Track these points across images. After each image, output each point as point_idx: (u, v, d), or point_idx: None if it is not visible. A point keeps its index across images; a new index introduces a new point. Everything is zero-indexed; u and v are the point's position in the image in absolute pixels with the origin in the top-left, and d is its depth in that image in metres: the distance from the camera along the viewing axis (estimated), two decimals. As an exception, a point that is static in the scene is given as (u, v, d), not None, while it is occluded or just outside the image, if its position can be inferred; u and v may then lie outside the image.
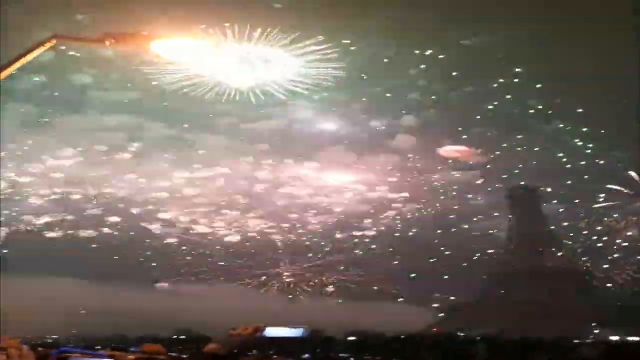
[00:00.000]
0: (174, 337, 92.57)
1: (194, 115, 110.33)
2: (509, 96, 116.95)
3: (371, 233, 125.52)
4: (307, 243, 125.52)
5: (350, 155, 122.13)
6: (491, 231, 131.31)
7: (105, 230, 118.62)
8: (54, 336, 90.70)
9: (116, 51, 75.96)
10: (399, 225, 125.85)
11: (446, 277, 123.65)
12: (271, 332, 5.24)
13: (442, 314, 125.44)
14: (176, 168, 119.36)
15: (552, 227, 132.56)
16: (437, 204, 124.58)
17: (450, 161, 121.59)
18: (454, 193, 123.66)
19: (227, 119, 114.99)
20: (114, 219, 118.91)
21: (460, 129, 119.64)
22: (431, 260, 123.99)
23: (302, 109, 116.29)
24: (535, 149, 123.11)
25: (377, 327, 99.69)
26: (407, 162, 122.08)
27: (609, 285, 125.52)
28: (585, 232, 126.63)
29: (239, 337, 5.55)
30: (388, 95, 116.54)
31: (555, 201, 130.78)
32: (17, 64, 11.31)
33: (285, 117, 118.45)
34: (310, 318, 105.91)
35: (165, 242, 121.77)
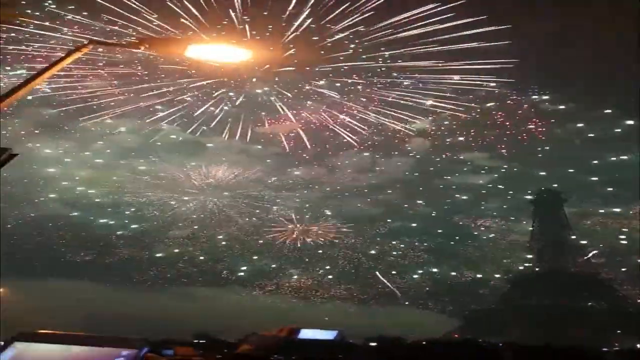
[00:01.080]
0: (195, 341, 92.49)
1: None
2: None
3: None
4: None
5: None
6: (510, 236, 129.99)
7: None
8: None
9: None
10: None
11: (467, 282, 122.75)
12: (306, 334, 4.89)
13: (464, 320, 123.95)
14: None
15: (575, 232, 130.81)
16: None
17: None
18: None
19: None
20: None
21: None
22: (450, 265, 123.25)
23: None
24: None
25: (396, 332, 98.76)
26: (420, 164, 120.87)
27: (634, 291, 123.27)
28: (607, 237, 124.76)
29: (273, 339, 5.11)
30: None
31: (577, 206, 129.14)
32: (56, 68, 11.27)
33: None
34: (327, 322, 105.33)
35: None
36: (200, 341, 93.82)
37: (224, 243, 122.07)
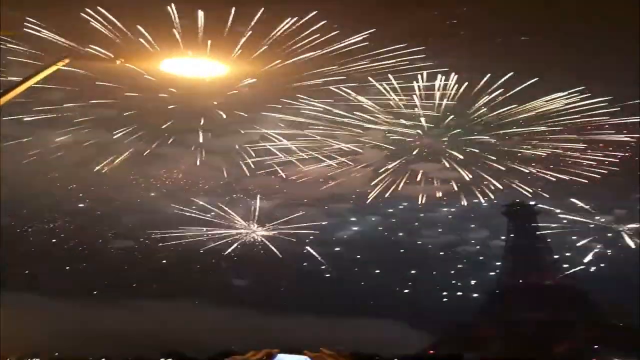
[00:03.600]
0: (162, 359, 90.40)
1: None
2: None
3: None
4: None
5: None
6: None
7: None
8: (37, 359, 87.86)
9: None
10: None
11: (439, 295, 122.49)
12: (284, 359, 4.88)
13: (439, 335, 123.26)
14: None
15: (549, 243, 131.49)
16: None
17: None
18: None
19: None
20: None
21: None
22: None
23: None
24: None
25: (370, 348, 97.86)
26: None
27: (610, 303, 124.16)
28: (583, 248, 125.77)
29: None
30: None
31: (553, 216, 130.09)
32: (31, 82, 11.30)
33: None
34: (296, 338, 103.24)
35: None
36: (168, 359, 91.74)
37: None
